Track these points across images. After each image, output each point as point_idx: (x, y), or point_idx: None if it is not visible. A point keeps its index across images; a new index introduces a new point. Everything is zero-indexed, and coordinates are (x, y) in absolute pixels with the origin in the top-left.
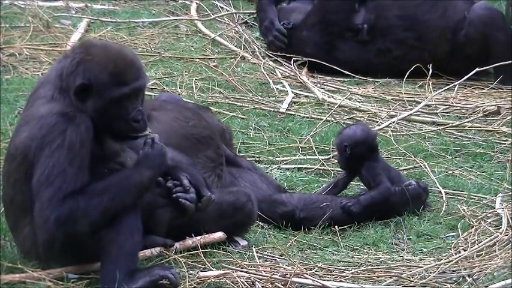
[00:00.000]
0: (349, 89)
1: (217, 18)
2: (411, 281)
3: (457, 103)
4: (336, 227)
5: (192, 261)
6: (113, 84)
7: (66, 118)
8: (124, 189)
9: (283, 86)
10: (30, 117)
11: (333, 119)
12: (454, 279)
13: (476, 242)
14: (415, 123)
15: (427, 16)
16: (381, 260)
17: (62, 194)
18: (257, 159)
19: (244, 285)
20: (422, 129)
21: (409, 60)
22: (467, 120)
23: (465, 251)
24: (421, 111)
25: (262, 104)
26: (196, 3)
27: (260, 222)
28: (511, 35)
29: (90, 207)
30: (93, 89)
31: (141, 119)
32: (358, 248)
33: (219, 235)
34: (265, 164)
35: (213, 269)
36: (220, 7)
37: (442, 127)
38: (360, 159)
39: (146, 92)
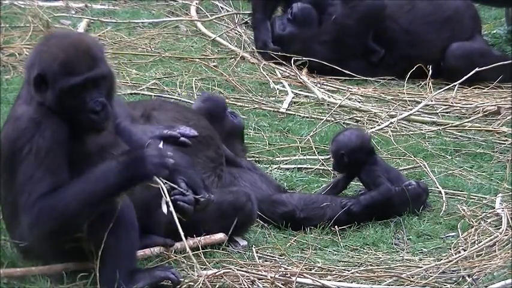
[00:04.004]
0: (349, 89)
1: (217, 19)
2: (411, 281)
3: (457, 103)
4: (336, 227)
5: (192, 261)
6: (63, 74)
7: (34, 124)
8: (92, 187)
9: (283, 86)
10: (10, 117)
11: (333, 119)
12: (454, 279)
13: (476, 242)
14: (415, 123)
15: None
16: (380, 260)
17: (31, 200)
18: (257, 159)
19: (244, 285)
20: (422, 129)
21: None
22: (467, 120)
23: (465, 251)
24: (421, 111)
25: (262, 104)
26: (196, 3)
27: (260, 222)
28: (495, 56)
29: (57, 207)
30: (47, 80)
31: (101, 110)
32: (358, 248)
33: (220, 236)
34: (265, 164)
35: (213, 269)
36: (220, 7)
37: (442, 127)
38: (359, 164)
39: (145, 92)
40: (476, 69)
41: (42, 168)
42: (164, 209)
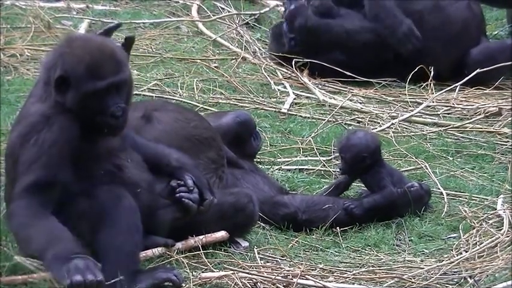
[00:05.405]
0: (351, 90)
1: (218, 19)
2: (412, 283)
3: (458, 104)
4: (338, 228)
5: (193, 262)
6: (88, 77)
7: (44, 119)
8: (45, 242)
9: (285, 87)
10: (21, 117)
11: (334, 120)
12: (455, 280)
13: (478, 243)
14: (416, 124)
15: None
16: (382, 261)
17: (17, 191)
18: (258, 160)
19: (247, 286)
20: (423, 130)
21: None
22: (468, 121)
23: (466, 252)
24: (423, 112)
25: (264, 105)
26: (197, 4)
27: (261, 224)
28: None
29: (13, 215)
30: (70, 82)
31: (121, 116)
32: (359, 249)
33: (221, 234)
34: (266, 165)
35: (215, 270)
36: (221, 8)
37: (444, 128)
38: (372, 166)
39: (146, 93)
40: (478, 70)
41: (40, 161)
42: None
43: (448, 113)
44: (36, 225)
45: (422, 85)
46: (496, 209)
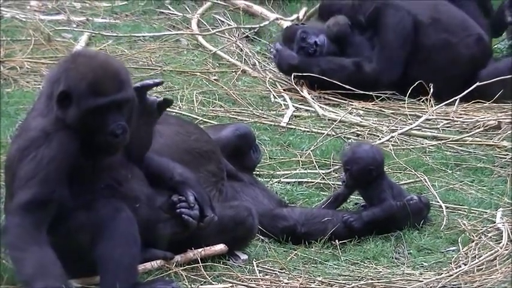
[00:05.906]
0: (350, 103)
1: (218, 33)
2: None
3: (457, 117)
4: (337, 241)
5: (192, 275)
6: (90, 93)
7: (44, 135)
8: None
9: (284, 100)
10: (22, 130)
11: (333, 133)
12: None
13: (477, 256)
14: (415, 137)
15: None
16: (381, 274)
17: (14, 207)
18: (258, 172)
19: None
20: (423, 144)
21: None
22: (467, 134)
23: (465, 265)
24: (422, 126)
25: (263, 117)
26: (197, 17)
27: (260, 236)
28: None
29: (7, 232)
30: (72, 97)
31: (121, 134)
32: (358, 262)
33: (220, 247)
34: (265, 177)
35: (214, 283)
36: (221, 21)
37: (443, 141)
38: (376, 179)
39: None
40: (477, 83)
41: (38, 177)
42: None
43: (448, 127)
44: (26, 250)
45: (421, 98)
46: (495, 222)
